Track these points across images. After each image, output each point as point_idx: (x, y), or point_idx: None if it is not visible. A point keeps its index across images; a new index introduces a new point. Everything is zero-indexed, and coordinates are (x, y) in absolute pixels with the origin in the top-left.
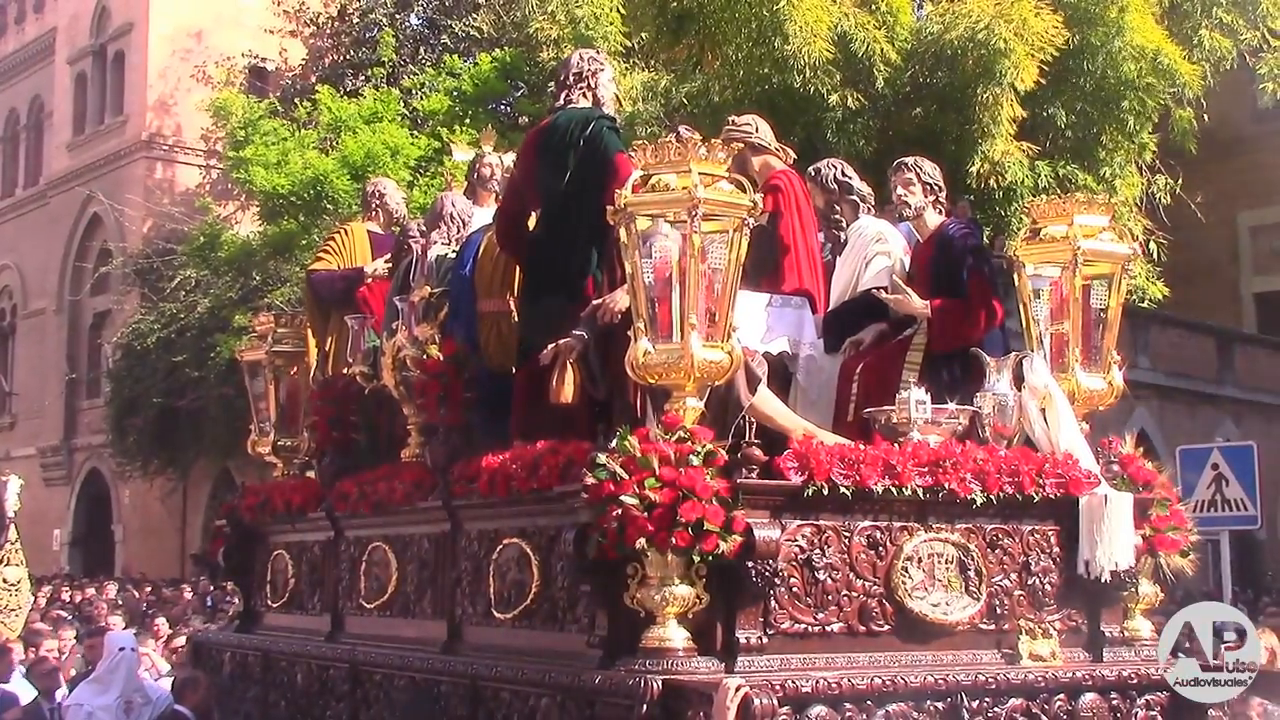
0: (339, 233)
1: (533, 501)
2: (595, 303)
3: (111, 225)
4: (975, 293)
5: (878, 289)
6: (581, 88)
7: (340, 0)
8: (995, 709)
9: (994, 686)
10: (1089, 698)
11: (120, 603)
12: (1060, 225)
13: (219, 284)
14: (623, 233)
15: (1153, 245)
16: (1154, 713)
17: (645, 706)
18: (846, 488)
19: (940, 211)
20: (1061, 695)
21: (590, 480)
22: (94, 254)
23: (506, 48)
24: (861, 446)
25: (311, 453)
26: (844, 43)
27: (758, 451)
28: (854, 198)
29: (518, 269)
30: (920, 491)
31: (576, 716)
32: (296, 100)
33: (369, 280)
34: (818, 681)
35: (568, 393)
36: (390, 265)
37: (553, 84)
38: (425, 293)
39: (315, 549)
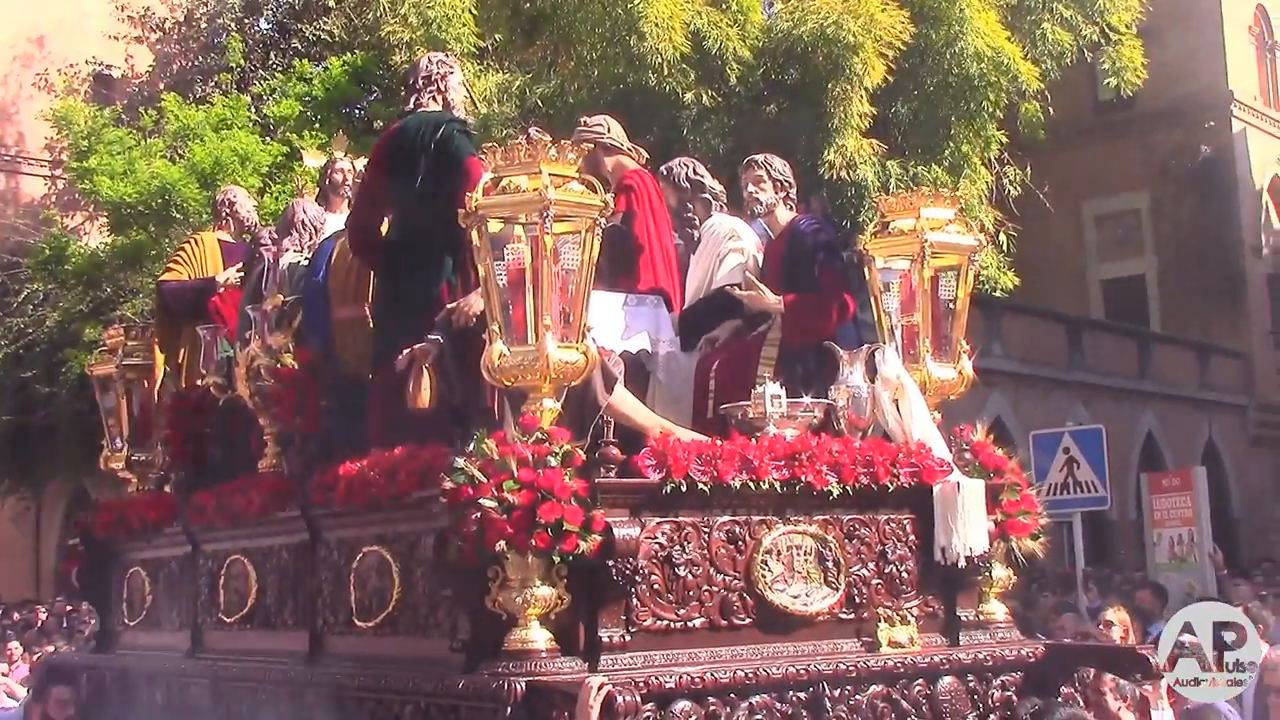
0: (190, 242)
1: (391, 508)
2: (450, 306)
3: None
4: (827, 287)
5: (732, 286)
6: (431, 91)
7: (186, 5)
8: (856, 697)
9: (854, 675)
10: (947, 681)
11: None
12: (908, 219)
13: (68, 297)
14: (475, 236)
15: (1003, 236)
16: (1009, 693)
17: (509, 709)
18: (704, 484)
19: (791, 208)
20: (920, 680)
21: (448, 485)
22: None
23: (358, 51)
24: (719, 442)
25: (166, 467)
26: (697, 40)
27: (615, 450)
28: (706, 196)
29: (372, 275)
30: (777, 485)
31: None
32: (143, 108)
33: (221, 290)
34: (681, 677)
35: (424, 398)
36: (242, 274)
37: (404, 88)
38: (278, 301)
39: (172, 565)
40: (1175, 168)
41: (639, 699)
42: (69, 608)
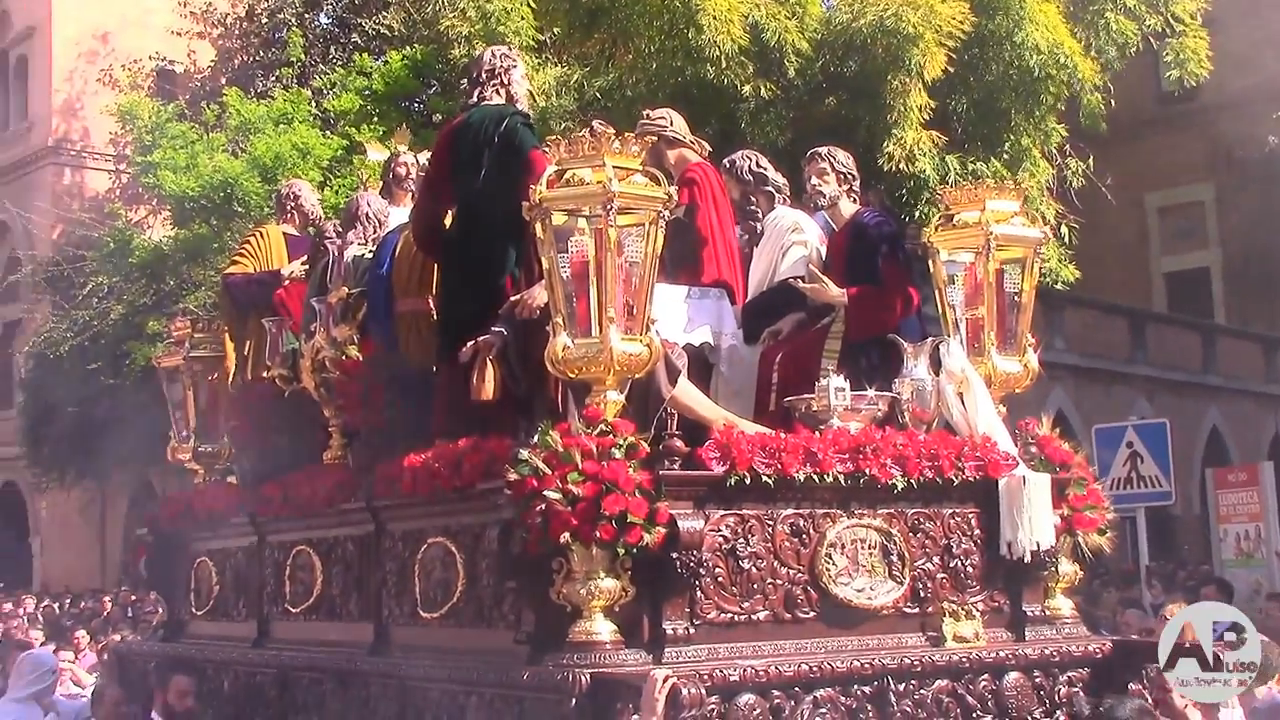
0: (255, 235)
1: (456, 500)
2: (513, 299)
3: (20, 232)
4: (891, 280)
5: (795, 278)
6: (494, 84)
7: (248, 1)
8: (921, 691)
9: (919, 669)
10: (1013, 677)
11: (39, 617)
12: (973, 211)
13: (132, 290)
14: (538, 228)
15: (1064, 229)
16: (1076, 689)
17: (574, 701)
18: (769, 476)
19: (854, 200)
20: (986, 675)
21: (513, 476)
22: (2, 262)
23: (417, 45)
24: (783, 435)
25: (232, 458)
26: (756, 33)
27: (680, 443)
28: (769, 188)
29: (435, 268)
30: (841, 478)
31: (506, 714)
32: (205, 103)
33: (286, 282)
34: (745, 670)
35: (488, 390)
36: (307, 267)
37: (465, 81)
38: (343, 293)
39: (239, 555)
40: (1241, 159)
41: (704, 691)
42: (134, 597)
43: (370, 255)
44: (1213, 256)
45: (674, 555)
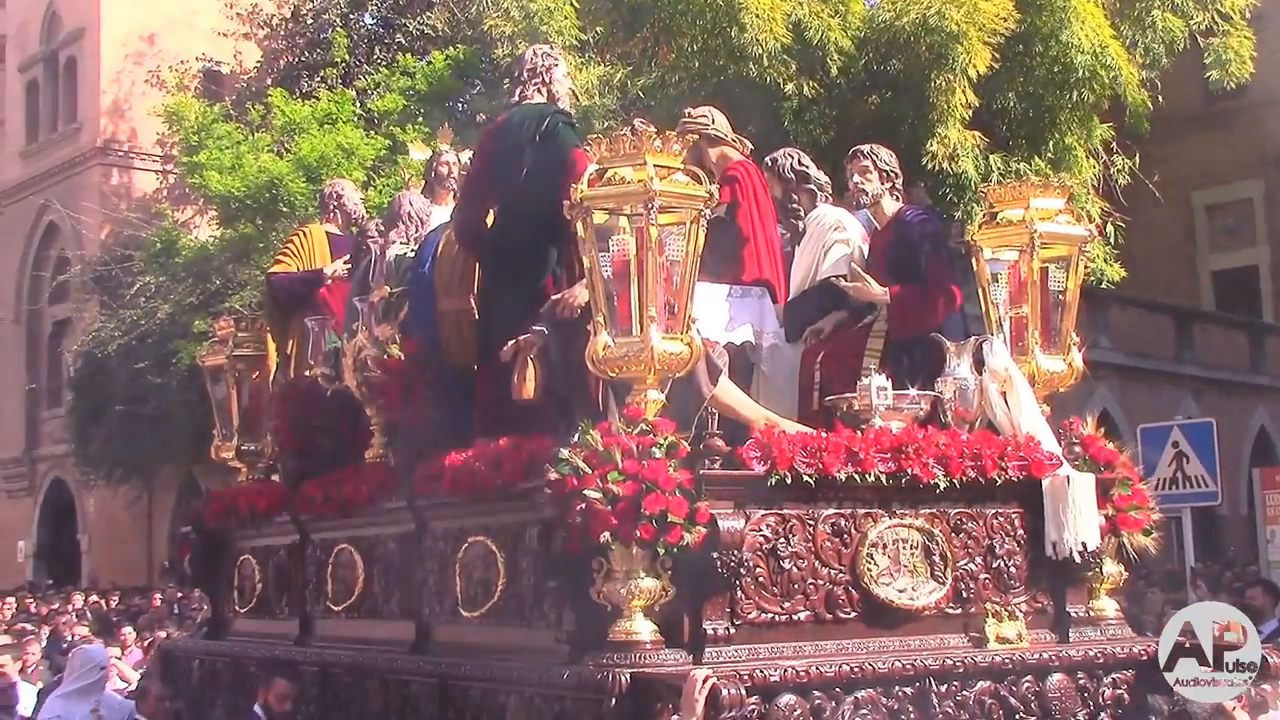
0: (298, 235)
1: (497, 499)
2: (555, 298)
3: (68, 233)
4: (934, 278)
5: (837, 277)
6: (536, 83)
7: (293, 2)
8: (963, 693)
9: (962, 670)
10: (1056, 678)
11: (88, 613)
12: (1017, 209)
13: (178, 290)
14: (580, 227)
15: (1110, 227)
16: (1120, 691)
17: (614, 700)
18: (810, 476)
19: (897, 198)
20: (1029, 677)
21: (553, 475)
22: (51, 262)
23: (461, 45)
24: (824, 434)
25: (275, 456)
26: (798, 31)
27: (720, 442)
28: (811, 186)
29: (477, 266)
30: (883, 478)
31: (546, 713)
32: (250, 104)
33: (329, 281)
34: (786, 670)
35: (529, 389)
36: (349, 266)
37: (508, 80)
38: (385, 292)
39: (282, 553)
40: None
41: (744, 692)
42: (179, 594)
43: (412, 254)
44: (1261, 254)
45: (714, 555)
